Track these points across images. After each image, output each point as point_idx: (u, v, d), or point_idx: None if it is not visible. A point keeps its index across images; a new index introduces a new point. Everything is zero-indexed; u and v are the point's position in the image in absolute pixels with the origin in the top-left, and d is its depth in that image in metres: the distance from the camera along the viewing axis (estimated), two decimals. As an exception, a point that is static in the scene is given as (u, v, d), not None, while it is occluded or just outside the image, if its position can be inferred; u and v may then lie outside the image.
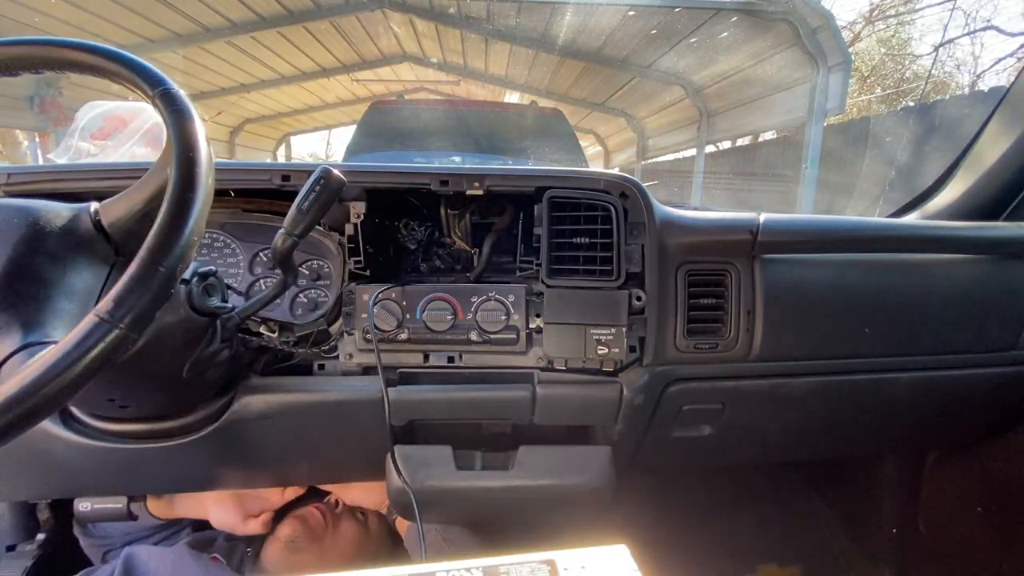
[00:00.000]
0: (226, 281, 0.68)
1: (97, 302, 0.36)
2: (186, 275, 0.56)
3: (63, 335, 0.36)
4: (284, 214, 0.55)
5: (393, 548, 0.92)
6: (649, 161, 8.55)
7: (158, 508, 0.85)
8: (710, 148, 6.82)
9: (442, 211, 0.75)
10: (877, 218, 0.86)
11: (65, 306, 0.44)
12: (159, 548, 0.79)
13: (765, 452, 0.94)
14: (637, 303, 0.66)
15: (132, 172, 0.63)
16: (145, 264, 0.36)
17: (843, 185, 4.56)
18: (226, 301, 0.62)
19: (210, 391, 0.63)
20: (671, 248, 0.68)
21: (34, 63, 0.44)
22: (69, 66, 0.44)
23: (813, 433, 0.86)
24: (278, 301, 0.66)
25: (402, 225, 0.79)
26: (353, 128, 2.97)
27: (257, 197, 0.74)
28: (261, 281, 0.75)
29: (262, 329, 0.69)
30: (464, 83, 8.59)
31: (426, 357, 0.67)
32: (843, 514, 1.23)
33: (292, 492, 0.88)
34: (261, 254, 0.75)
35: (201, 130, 0.42)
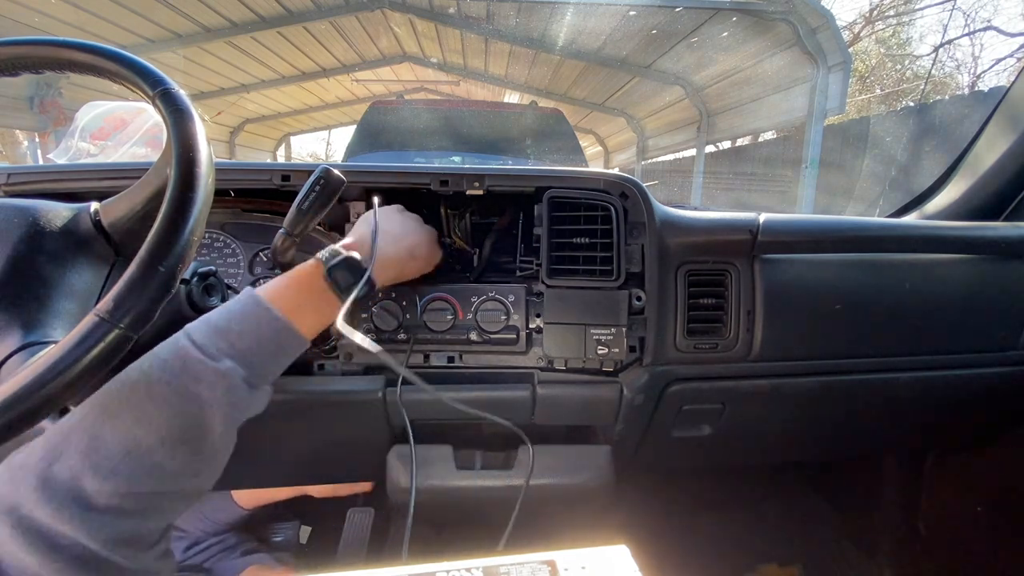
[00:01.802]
0: (226, 281, 0.68)
1: (97, 302, 0.36)
2: (186, 275, 0.56)
3: (63, 335, 0.36)
4: (284, 214, 0.55)
5: None
6: (649, 161, 8.55)
7: (245, 498, 0.85)
8: (710, 148, 6.82)
9: (442, 211, 0.75)
10: (877, 218, 0.86)
11: (65, 306, 0.44)
12: None
13: (765, 452, 0.94)
14: (637, 303, 0.66)
15: (132, 172, 0.63)
16: (145, 264, 0.36)
17: (843, 185, 4.56)
18: (226, 301, 0.62)
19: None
20: (671, 248, 0.68)
21: (34, 63, 0.44)
22: (69, 66, 0.44)
23: (813, 433, 0.86)
24: (278, 301, 0.66)
25: (402, 225, 0.79)
26: (353, 128, 2.97)
27: (257, 197, 0.74)
28: (261, 281, 0.75)
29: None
30: (464, 83, 8.59)
31: (426, 357, 0.67)
32: (843, 514, 1.23)
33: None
34: (261, 254, 0.75)
35: (201, 130, 0.42)
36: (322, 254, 0.52)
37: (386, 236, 0.57)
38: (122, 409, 0.38)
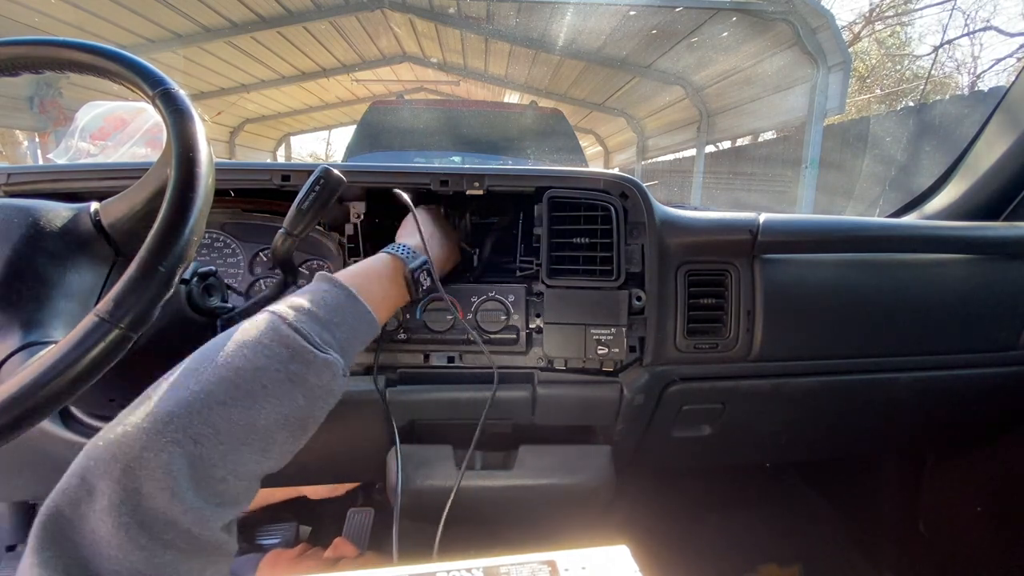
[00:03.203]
0: (226, 281, 0.68)
1: (97, 302, 0.36)
2: (186, 275, 0.56)
3: (63, 335, 0.36)
4: (284, 214, 0.55)
5: None
6: (649, 161, 8.55)
7: None
8: (710, 148, 6.82)
9: (442, 211, 0.75)
10: (877, 218, 0.86)
11: (65, 306, 0.44)
12: None
13: (765, 452, 0.94)
14: (637, 303, 0.66)
15: (132, 172, 0.63)
16: (145, 264, 0.36)
17: (843, 185, 4.56)
18: (226, 301, 0.62)
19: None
20: (671, 248, 0.68)
21: (34, 63, 0.44)
22: (69, 66, 0.44)
23: (813, 433, 0.86)
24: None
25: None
26: (353, 128, 2.97)
27: (257, 197, 0.74)
28: (261, 281, 0.75)
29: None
30: (464, 83, 8.59)
31: (426, 357, 0.67)
32: (843, 514, 1.23)
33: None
34: (261, 254, 0.75)
35: (201, 130, 0.42)
36: (401, 253, 0.56)
37: (433, 239, 0.63)
38: (236, 395, 0.38)
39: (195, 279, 0.57)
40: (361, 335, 0.48)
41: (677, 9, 4.50)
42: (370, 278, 0.52)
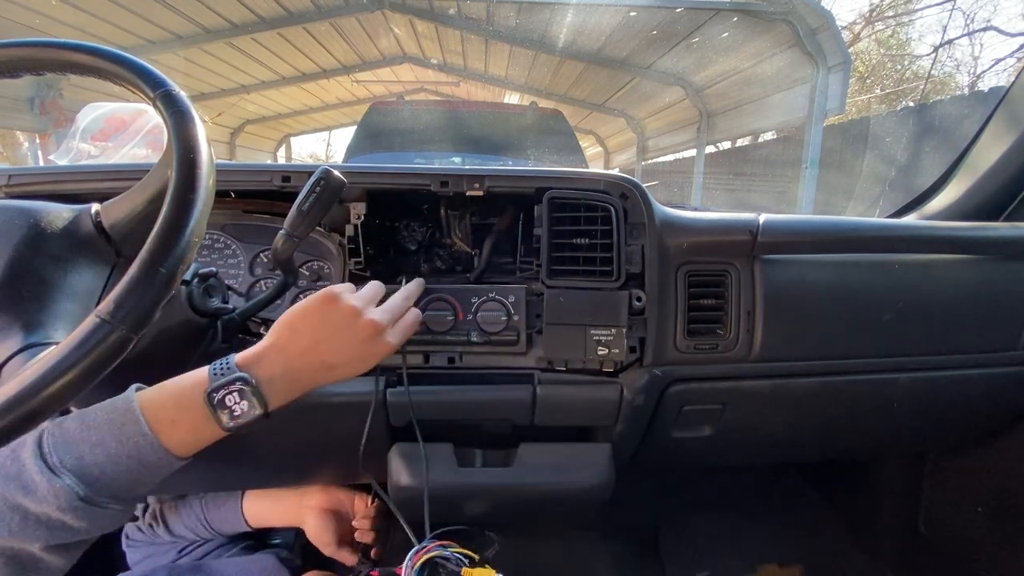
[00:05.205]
0: (227, 282, 0.68)
1: (98, 303, 0.36)
2: (187, 276, 0.56)
3: (64, 336, 0.36)
4: (285, 215, 0.55)
5: None
6: (649, 161, 8.55)
7: (252, 516, 0.84)
8: (710, 148, 6.82)
9: (442, 212, 0.76)
10: (877, 218, 0.86)
11: (66, 307, 0.44)
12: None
13: (765, 452, 0.94)
14: (637, 304, 0.66)
15: (133, 173, 0.64)
16: (146, 265, 0.37)
17: (843, 185, 4.56)
18: (227, 302, 0.62)
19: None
20: (671, 249, 0.68)
21: (35, 65, 0.44)
22: (70, 68, 0.44)
23: (813, 433, 0.86)
24: (279, 302, 0.66)
25: (402, 226, 0.80)
26: (353, 129, 2.98)
27: (258, 198, 0.74)
28: (262, 282, 0.75)
29: (263, 330, 0.69)
30: (464, 84, 8.59)
31: (426, 358, 0.67)
32: (843, 514, 1.23)
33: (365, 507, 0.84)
34: (262, 255, 0.75)
35: (202, 131, 0.42)
36: (216, 366, 0.45)
37: (293, 347, 0.48)
38: None
39: (196, 280, 0.57)
40: (127, 459, 0.40)
41: (677, 9, 4.50)
42: (170, 393, 0.43)
